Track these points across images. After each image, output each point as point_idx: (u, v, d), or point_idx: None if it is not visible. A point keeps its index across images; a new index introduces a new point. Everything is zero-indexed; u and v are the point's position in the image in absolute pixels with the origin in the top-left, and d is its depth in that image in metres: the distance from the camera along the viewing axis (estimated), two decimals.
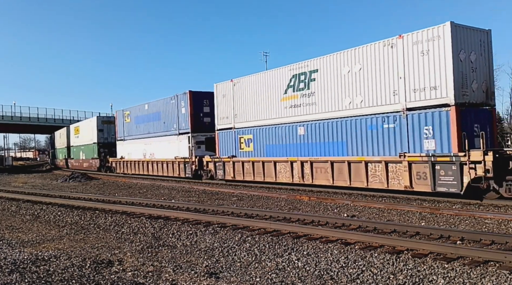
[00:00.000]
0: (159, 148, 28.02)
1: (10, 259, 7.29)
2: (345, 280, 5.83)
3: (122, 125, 33.87)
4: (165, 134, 27.27)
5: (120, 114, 34.46)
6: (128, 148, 32.83)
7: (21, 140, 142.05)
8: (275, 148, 18.65)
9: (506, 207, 11.54)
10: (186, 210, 12.49)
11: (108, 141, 38.65)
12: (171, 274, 6.24)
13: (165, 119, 27.22)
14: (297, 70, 17.58)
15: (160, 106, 27.97)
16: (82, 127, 44.41)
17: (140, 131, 30.69)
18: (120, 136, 34.33)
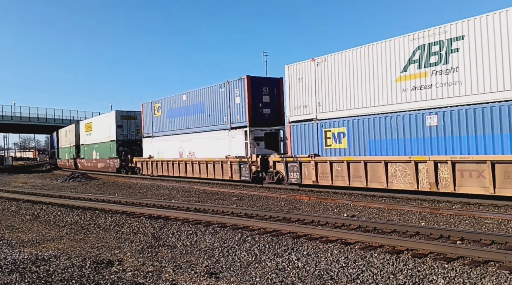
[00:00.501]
0: (201, 146, 23.92)
1: (10, 259, 7.28)
2: (345, 280, 5.83)
3: (151, 120, 29.34)
4: (210, 129, 23.15)
5: (147, 108, 29.87)
6: (158, 145, 28.48)
7: (21, 140, 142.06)
8: (384, 144, 14.38)
9: (506, 207, 11.55)
10: (186, 210, 12.48)
11: (128, 139, 34.65)
12: (171, 274, 6.24)
13: (210, 111, 23.09)
14: (425, 39, 13.23)
15: (203, 96, 23.76)
16: (96, 123, 39.99)
17: (175, 127, 26.48)
18: (147, 132, 29.95)
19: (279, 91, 21.32)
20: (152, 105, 29.39)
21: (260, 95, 20.74)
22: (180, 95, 26.18)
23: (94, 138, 39.72)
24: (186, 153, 25.43)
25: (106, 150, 36.18)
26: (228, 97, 21.62)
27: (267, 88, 20.95)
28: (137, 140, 33.91)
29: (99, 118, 40.55)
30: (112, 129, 35.00)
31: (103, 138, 37.02)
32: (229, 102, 21.54)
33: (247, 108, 20.32)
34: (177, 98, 26.48)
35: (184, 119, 25.67)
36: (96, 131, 39.37)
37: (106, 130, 36.22)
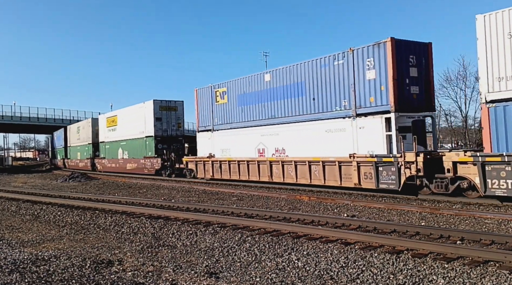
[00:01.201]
0: (298, 140, 17.87)
1: (10, 259, 7.29)
2: (345, 280, 5.83)
3: (210, 110, 23.49)
4: (316, 118, 17.03)
5: (204, 94, 23.87)
6: (221, 141, 22.58)
7: (21, 140, 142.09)
8: None
9: (506, 207, 11.55)
10: (186, 210, 12.49)
11: (168, 135, 29.33)
12: (171, 274, 6.25)
13: (316, 93, 17.06)
14: None
15: (303, 73, 17.68)
16: (124, 116, 33.92)
17: (251, 116, 20.61)
18: (204, 125, 24.02)
19: (427, 62, 15.38)
20: (212, 90, 23.28)
21: (406, 68, 14.76)
22: (259, 75, 20.30)
23: (121, 134, 33.99)
24: (271, 150, 19.35)
25: (139, 148, 30.63)
26: (350, 72, 15.67)
27: (414, 58, 14.92)
28: (178, 136, 29.77)
29: (128, 110, 33.42)
30: (149, 123, 29.34)
31: (135, 134, 31.37)
32: (353, 79, 15.58)
33: (392, 86, 14.22)
34: (254, 80, 20.47)
35: (267, 106, 19.70)
36: (124, 125, 33.52)
37: (139, 124, 30.66)
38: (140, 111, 31.03)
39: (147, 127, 29.79)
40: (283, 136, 18.78)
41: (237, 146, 21.60)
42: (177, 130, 30.14)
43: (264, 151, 19.91)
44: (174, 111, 29.76)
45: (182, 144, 29.60)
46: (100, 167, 38.09)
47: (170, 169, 27.57)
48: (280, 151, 18.93)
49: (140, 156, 30.65)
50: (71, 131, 48.68)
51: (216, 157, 22.69)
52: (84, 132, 43.20)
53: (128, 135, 32.76)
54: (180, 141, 29.77)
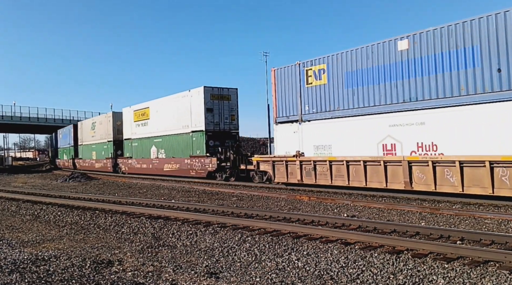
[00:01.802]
0: (465, 131, 12.80)
1: (10, 259, 7.28)
2: (345, 280, 5.83)
3: (295, 95, 18.42)
4: (504, 97, 11.88)
5: (288, 75, 18.85)
6: (316, 135, 17.51)
7: (21, 140, 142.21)
8: None
9: (506, 207, 11.55)
10: (186, 210, 12.49)
11: (220, 129, 24.75)
12: (171, 274, 6.24)
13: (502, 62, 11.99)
14: None
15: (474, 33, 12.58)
16: (160, 108, 28.81)
17: (370, 100, 15.55)
18: (286, 115, 18.94)
19: None
20: (299, 69, 18.22)
21: None
22: (385, 43, 15.15)
23: (155, 130, 29.31)
24: (408, 146, 14.38)
25: (183, 145, 26.21)
26: None
27: None
28: (231, 131, 25.29)
29: (166, 100, 28.38)
30: (197, 115, 24.78)
31: (176, 129, 26.87)
32: None
33: None
34: (376, 51, 15.46)
35: (401, 85, 14.60)
36: (159, 119, 28.82)
37: (183, 116, 26.13)
38: (184, 101, 26.01)
39: (194, 120, 24.97)
40: (432, 126, 13.60)
41: (343, 141, 16.45)
42: (230, 123, 25.26)
43: (394, 146, 14.79)
44: (227, 101, 25.03)
45: (236, 140, 25.03)
46: (125, 168, 33.13)
47: (229, 171, 22.60)
48: (427, 147, 13.81)
49: (184, 154, 25.69)
50: (84, 128, 43.52)
51: (307, 156, 17.52)
52: (101, 128, 37.83)
53: (165, 130, 27.92)
54: (233, 137, 25.09)
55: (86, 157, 42.53)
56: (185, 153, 25.94)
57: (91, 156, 40.89)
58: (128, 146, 33.47)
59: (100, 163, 38.15)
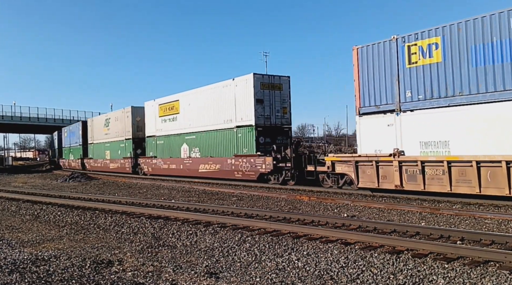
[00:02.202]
0: None
1: (10, 259, 7.28)
2: (345, 280, 5.82)
3: (390, 78, 14.75)
4: None
5: (377, 53, 15.19)
6: (425, 128, 13.80)
7: (21, 140, 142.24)
8: None
9: (506, 207, 11.55)
10: (186, 210, 12.48)
11: (272, 123, 21.09)
12: (171, 274, 6.24)
13: None
14: None
15: None
16: (192, 100, 25.34)
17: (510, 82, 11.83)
18: (376, 104, 15.28)
19: None
20: (398, 45, 14.50)
21: None
22: None
23: (186, 125, 25.80)
24: None
25: (224, 143, 22.70)
26: None
27: None
28: (283, 126, 21.64)
29: (201, 91, 24.73)
30: (244, 107, 21.14)
31: (215, 124, 23.31)
32: None
33: None
34: None
35: None
36: (192, 113, 25.29)
37: (225, 109, 22.47)
38: (226, 92, 22.43)
39: (240, 113, 21.49)
40: None
41: (468, 135, 12.77)
42: (282, 117, 21.61)
43: None
44: (279, 91, 21.37)
45: (288, 137, 21.59)
46: (148, 169, 29.68)
47: (288, 173, 18.97)
48: None
49: (227, 153, 22.37)
50: (95, 125, 40.05)
51: (410, 155, 13.88)
52: (118, 125, 34.26)
53: (200, 126, 24.47)
54: (286, 134, 21.61)
55: (98, 156, 38.92)
56: (228, 151, 22.32)
57: (104, 155, 37.32)
58: (151, 144, 29.88)
59: (115, 163, 34.43)
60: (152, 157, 29.59)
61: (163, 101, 28.69)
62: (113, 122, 35.85)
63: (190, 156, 25.58)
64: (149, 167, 29.69)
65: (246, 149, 21.17)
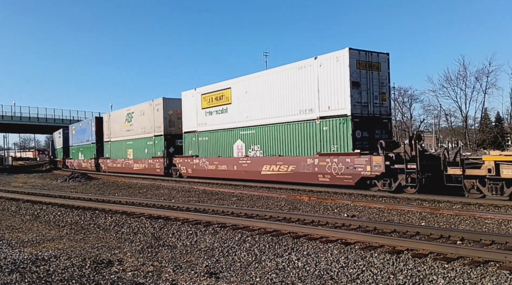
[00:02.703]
0: None
1: (10, 259, 7.28)
2: (345, 280, 5.82)
3: None
4: None
5: None
6: None
7: (21, 140, 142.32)
8: None
9: (506, 207, 11.55)
10: (186, 210, 12.49)
11: (370, 113, 16.64)
12: (171, 274, 6.24)
13: None
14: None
15: None
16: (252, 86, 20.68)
17: None
18: None
19: None
20: None
21: None
22: None
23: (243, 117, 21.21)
24: None
25: (300, 138, 18.12)
26: None
27: None
28: (381, 117, 17.10)
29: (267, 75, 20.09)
30: (333, 93, 16.68)
31: (287, 115, 18.72)
32: None
33: None
34: None
35: None
36: (252, 102, 20.63)
37: (304, 96, 17.87)
38: (304, 74, 17.92)
39: (327, 100, 16.85)
40: None
41: None
42: (381, 105, 17.06)
43: None
44: (377, 71, 16.96)
45: (388, 131, 17.33)
46: (187, 170, 25.29)
47: (407, 176, 14.36)
48: None
49: (304, 151, 17.84)
50: (114, 121, 35.57)
51: None
52: (144, 120, 30.25)
53: (262, 118, 20.00)
54: (385, 126, 17.25)
55: (118, 156, 34.44)
56: (306, 149, 17.74)
57: (126, 154, 33.06)
58: (191, 141, 25.48)
59: (142, 163, 30.36)
60: (193, 156, 25.11)
61: (208, 90, 24.15)
62: (137, 117, 31.38)
63: (248, 155, 20.99)
64: (188, 168, 25.31)
65: (336, 145, 16.45)
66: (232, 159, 22.05)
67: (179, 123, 27.58)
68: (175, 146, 28.04)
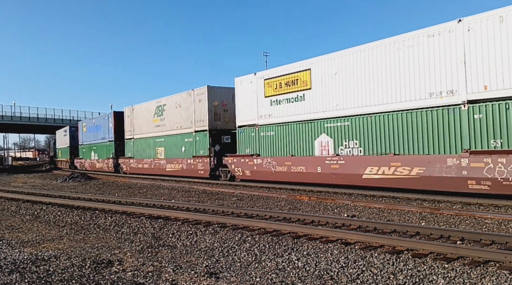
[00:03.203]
0: None
1: (10, 259, 7.28)
2: (345, 280, 5.82)
3: None
4: None
5: None
6: None
7: (21, 140, 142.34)
8: None
9: (506, 207, 11.55)
10: (186, 210, 12.49)
11: None
12: (171, 274, 6.24)
13: None
14: None
15: None
16: (344, 65, 16.59)
17: None
18: None
19: None
20: None
21: None
22: None
23: (328, 106, 17.30)
24: None
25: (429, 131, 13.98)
26: None
27: None
28: None
29: (372, 47, 15.74)
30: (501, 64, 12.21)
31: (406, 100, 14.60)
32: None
33: None
34: None
35: None
36: (343, 86, 16.67)
37: (438, 74, 13.72)
38: (439, 44, 13.73)
39: (484, 76, 12.58)
40: None
41: None
42: None
43: None
44: None
45: None
46: (243, 172, 21.48)
47: None
48: None
49: (437, 149, 13.71)
50: (139, 115, 31.42)
51: None
52: (180, 113, 26.32)
53: (361, 105, 16.00)
54: None
55: (144, 155, 30.49)
56: (442, 145, 13.62)
57: (155, 153, 29.08)
58: (248, 137, 21.41)
59: (178, 163, 26.35)
60: (252, 155, 20.96)
61: (274, 74, 19.90)
62: (171, 110, 27.23)
63: (339, 153, 16.83)
64: (245, 169, 21.25)
65: (500, 140, 12.28)
66: (315, 158, 17.67)
67: (226, 116, 24.25)
68: (221, 143, 24.36)
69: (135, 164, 31.77)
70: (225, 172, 23.34)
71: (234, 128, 22.79)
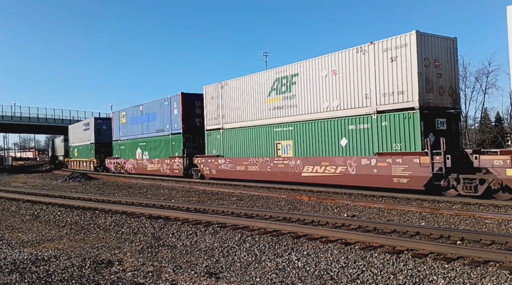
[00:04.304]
0: None
1: (10, 259, 7.28)
2: (345, 280, 5.82)
3: None
4: None
5: None
6: None
7: (21, 140, 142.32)
8: None
9: (506, 207, 11.55)
10: (186, 210, 12.48)
11: None
12: (171, 274, 6.24)
13: None
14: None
15: None
16: None
17: None
18: None
19: None
20: None
21: None
22: None
23: None
24: None
25: None
26: None
27: None
28: None
29: None
30: None
31: None
32: None
33: None
34: None
35: None
36: None
37: None
38: None
39: None
40: None
41: None
42: None
43: None
44: None
45: None
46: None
47: None
48: None
49: None
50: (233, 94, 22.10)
51: None
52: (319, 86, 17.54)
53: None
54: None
55: (246, 152, 21.30)
56: None
57: (273, 149, 19.71)
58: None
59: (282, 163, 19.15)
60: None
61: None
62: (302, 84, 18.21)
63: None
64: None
65: None
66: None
67: None
68: None
69: (225, 166, 22.46)
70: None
71: None
